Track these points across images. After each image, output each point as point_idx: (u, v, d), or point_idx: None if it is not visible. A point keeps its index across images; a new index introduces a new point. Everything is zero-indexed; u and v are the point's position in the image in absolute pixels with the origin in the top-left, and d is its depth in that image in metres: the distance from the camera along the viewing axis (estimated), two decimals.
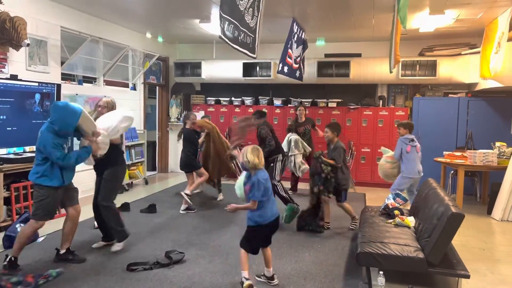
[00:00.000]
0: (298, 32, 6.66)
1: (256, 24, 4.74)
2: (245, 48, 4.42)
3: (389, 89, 8.44)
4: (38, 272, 3.52)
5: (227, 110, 8.96)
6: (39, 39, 5.63)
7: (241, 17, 4.23)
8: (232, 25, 3.99)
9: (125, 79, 8.12)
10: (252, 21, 4.59)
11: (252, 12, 4.51)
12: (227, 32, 3.88)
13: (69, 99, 6.27)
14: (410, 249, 3.41)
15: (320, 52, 8.41)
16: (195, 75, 8.86)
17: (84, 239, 4.57)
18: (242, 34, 4.30)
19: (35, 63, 5.61)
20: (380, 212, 4.58)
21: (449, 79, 7.60)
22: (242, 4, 4.20)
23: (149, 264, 3.82)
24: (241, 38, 4.29)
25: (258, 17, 4.75)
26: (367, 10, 5.99)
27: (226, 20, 3.83)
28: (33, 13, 5.46)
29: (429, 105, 7.74)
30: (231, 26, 3.98)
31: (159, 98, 9.47)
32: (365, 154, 8.15)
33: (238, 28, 4.16)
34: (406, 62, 7.66)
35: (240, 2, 4.14)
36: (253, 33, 4.65)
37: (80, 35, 6.43)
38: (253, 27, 4.64)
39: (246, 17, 4.38)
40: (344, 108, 8.28)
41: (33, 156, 5.24)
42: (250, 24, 4.55)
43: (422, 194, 4.45)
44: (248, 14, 4.43)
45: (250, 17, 4.50)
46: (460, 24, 6.64)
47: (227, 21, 3.87)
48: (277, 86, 8.76)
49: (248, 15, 4.41)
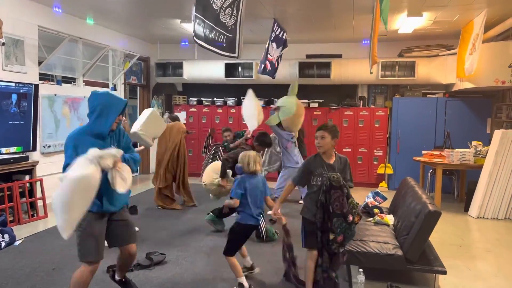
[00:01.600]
0: (279, 32, 6.70)
1: (236, 23, 4.73)
2: (219, 48, 4.43)
3: (370, 89, 8.56)
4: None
5: (209, 110, 8.94)
6: (16, 39, 5.51)
7: (216, 17, 4.23)
8: (204, 24, 3.99)
9: (105, 80, 8.01)
10: (230, 21, 4.58)
11: (230, 11, 4.51)
12: (199, 32, 3.90)
13: (48, 100, 6.17)
14: (389, 247, 3.47)
15: (301, 53, 8.46)
16: (177, 75, 8.81)
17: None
18: (216, 33, 4.30)
19: (12, 63, 5.49)
20: (360, 211, 4.63)
21: (427, 79, 7.75)
22: (217, 3, 4.20)
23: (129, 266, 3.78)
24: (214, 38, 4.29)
25: (238, 17, 4.74)
26: (347, 12, 6.06)
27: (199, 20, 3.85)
28: (9, 12, 5.34)
29: (408, 105, 7.88)
30: (204, 25, 3.99)
31: (140, 98, 9.38)
32: (346, 154, 8.19)
33: (212, 27, 4.16)
34: (386, 63, 7.78)
35: (215, 1, 4.15)
36: (230, 32, 4.64)
37: (59, 35, 6.32)
38: (231, 26, 4.63)
39: (222, 16, 4.38)
40: (325, 108, 8.36)
41: (10, 157, 5.17)
42: (227, 23, 4.55)
43: (401, 192, 4.53)
44: (225, 14, 4.43)
45: (227, 17, 4.50)
46: (438, 26, 6.78)
47: (201, 20, 3.88)
48: (259, 87, 8.71)
49: (224, 14, 4.41)
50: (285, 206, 6.20)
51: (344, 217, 2.87)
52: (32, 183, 5.48)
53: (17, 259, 4.00)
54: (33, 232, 4.88)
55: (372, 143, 8.15)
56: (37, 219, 5.40)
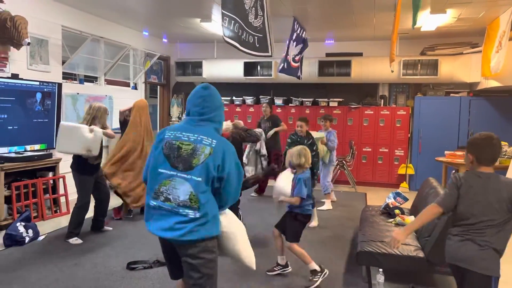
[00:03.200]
0: (299, 31, 6.66)
1: (264, 23, 4.72)
2: (248, 47, 4.40)
3: (391, 88, 8.43)
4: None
5: (228, 109, 8.95)
6: (40, 38, 5.64)
7: (245, 16, 4.20)
8: (236, 23, 3.95)
9: (126, 79, 8.13)
10: (256, 21, 4.57)
11: (255, 11, 4.50)
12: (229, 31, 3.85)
13: (71, 98, 6.29)
14: (410, 248, 3.41)
15: (321, 51, 8.40)
16: (196, 74, 8.86)
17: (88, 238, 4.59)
18: (247, 34, 4.28)
19: (36, 62, 5.62)
20: (381, 212, 4.57)
21: (451, 78, 7.57)
22: (247, 3, 4.18)
23: (149, 262, 3.82)
24: (243, 37, 4.26)
25: (264, 16, 4.73)
26: (368, 9, 5.98)
27: (228, 18, 3.80)
28: (34, 12, 5.46)
29: (430, 105, 7.73)
30: (236, 24, 3.94)
31: (160, 97, 9.47)
32: (366, 154, 8.14)
33: (242, 27, 4.13)
34: (408, 62, 7.64)
35: (246, 1, 4.11)
36: (260, 32, 4.64)
37: (81, 35, 6.44)
38: (259, 26, 4.63)
39: (250, 16, 4.36)
40: (345, 107, 8.27)
41: (34, 155, 5.29)
42: (254, 23, 4.53)
43: (423, 193, 4.44)
44: (252, 14, 4.41)
45: (253, 17, 4.48)
46: (462, 23, 6.62)
47: (231, 19, 3.83)
48: (278, 86, 8.76)
49: (251, 14, 4.39)
50: None
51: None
52: (55, 180, 5.59)
53: (40, 254, 4.09)
54: (55, 227, 4.99)
55: (393, 143, 8.02)
56: (59, 215, 5.52)
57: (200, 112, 2.27)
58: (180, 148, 2.17)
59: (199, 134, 2.20)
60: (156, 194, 2.16)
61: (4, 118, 5.00)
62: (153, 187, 2.18)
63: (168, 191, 2.13)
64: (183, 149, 2.17)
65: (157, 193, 2.16)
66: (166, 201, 2.13)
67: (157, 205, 2.15)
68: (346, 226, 5.25)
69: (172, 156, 2.17)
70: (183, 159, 2.15)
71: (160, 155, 2.20)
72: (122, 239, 4.59)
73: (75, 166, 4.49)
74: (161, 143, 2.23)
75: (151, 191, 2.18)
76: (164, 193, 2.14)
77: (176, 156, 2.17)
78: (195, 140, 2.18)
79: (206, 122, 2.26)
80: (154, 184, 2.18)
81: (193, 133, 2.21)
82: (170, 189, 2.13)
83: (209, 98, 2.30)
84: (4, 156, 4.97)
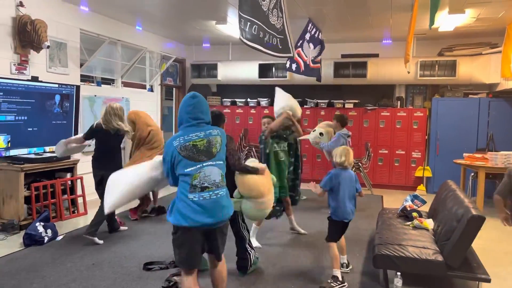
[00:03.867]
0: (314, 32, 6.63)
1: (283, 25, 4.71)
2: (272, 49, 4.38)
3: (407, 89, 8.32)
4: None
5: (242, 111, 8.97)
6: (59, 42, 5.74)
7: (265, 18, 4.19)
8: (255, 25, 3.94)
9: (142, 81, 8.21)
10: (278, 22, 4.56)
11: (276, 12, 4.49)
12: (249, 35, 3.83)
13: (88, 100, 6.38)
14: (429, 252, 3.35)
15: (336, 53, 8.35)
16: (211, 76, 8.90)
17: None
18: (267, 35, 4.26)
19: (55, 65, 5.72)
20: (398, 214, 4.51)
21: (469, 79, 7.45)
22: (265, 5, 4.16)
23: (165, 263, 3.84)
24: (266, 39, 4.25)
25: (283, 17, 4.72)
26: (385, 10, 5.92)
27: (247, 21, 3.78)
28: (53, 16, 5.57)
29: (448, 106, 7.61)
30: (255, 26, 3.93)
31: (176, 99, 9.54)
32: (382, 156, 8.05)
33: (263, 29, 4.11)
34: (425, 62, 7.54)
35: (263, 2, 4.10)
36: (281, 34, 4.63)
37: (99, 37, 6.53)
38: (280, 28, 4.62)
39: (271, 18, 4.34)
40: (361, 109, 8.20)
41: (53, 156, 5.38)
42: (277, 25, 4.52)
43: (441, 196, 4.37)
44: (273, 15, 4.40)
45: (275, 18, 4.47)
46: (481, 23, 6.50)
47: (249, 21, 3.82)
48: (293, 87, 8.67)
49: (272, 16, 4.38)
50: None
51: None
52: (73, 181, 5.68)
53: (59, 254, 4.15)
54: (74, 228, 5.06)
55: (410, 145, 7.92)
56: (77, 216, 5.60)
57: (194, 117, 2.69)
58: (196, 145, 2.61)
59: (205, 130, 2.69)
60: (192, 189, 2.54)
61: (24, 120, 5.10)
62: (186, 187, 2.56)
63: (201, 181, 2.55)
64: (199, 145, 2.61)
65: (193, 188, 2.54)
66: (204, 189, 2.54)
67: (196, 197, 2.53)
68: (362, 229, 5.19)
69: (191, 155, 2.58)
70: (204, 151, 2.61)
71: (182, 160, 2.58)
72: (138, 240, 4.63)
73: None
74: (174, 152, 2.60)
75: (185, 190, 2.55)
76: (198, 185, 2.54)
77: (196, 152, 2.59)
78: (205, 135, 2.66)
79: (203, 123, 2.72)
80: (185, 185, 2.56)
81: (200, 131, 2.66)
82: (202, 178, 2.55)
83: (198, 104, 2.72)
84: (24, 157, 5.07)
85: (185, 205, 2.55)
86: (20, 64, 5.14)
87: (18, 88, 5.01)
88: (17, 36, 5.00)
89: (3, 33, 4.88)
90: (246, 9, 3.75)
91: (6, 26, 4.92)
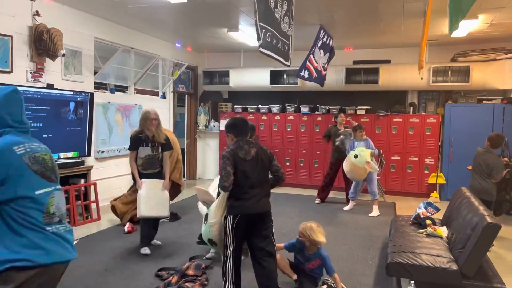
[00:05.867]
0: (326, 39, 6.63)
1: (292, 32, 4.75)
2: (281, 56, 4.41)
3: (420, 96, 8.26)
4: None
5: (254, 117, 8.99)
6: (74, 50, 5.84)
7: (278, 26, 4.22)
8: (269, 33, 3.97)
9: (155, 88, 8.29)
10: (289, 30, 4.59)
11: (288, 20, 4.52)
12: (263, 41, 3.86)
13: (102, 107, 6.47)
14: (443, 260, 3.30)
15: (348, 59, 8.33)
16: (223, 83, 8.96)
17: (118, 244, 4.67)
18: (280, 42, 4.29)
19: (70, 72, 5.81)
20: (411, 222, 4.46)
21: (483, 85, 7.36)
22: (278, 12, 4.20)
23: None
24: (279, 47, 4.28)
25: (292, 25, 4.76)
26: (397, 16, 5.90)
27: (262, 28, 3.82)
28: (68, 25, 5.67)
29: (461, 112, 7.52)
30: (269, 34, 3.96)
31: (188, 106, 9.61)
32: (395, 162, 7.98)
33: (276, 36, 4.15)
34: (438, 68, 7.48)
35: (275, 10, 4.14)
36: (288, 40, 4.67)
37: (113, 45, 6.63)
38: (290, 35, 4.65)
39: (283, 25, 4.38)
40: (373, 115, 8.16)
41: (67, 162, 5.45)
42: (288, 32, 4.56)
43: (455, 203, 4.31)
44: (284, 22, 4.43)
45: (286, 26, 4.50)
46: (495, 29, 6.44)
47: (263, 29, 3.85)
48: (304, 94, 8.73)
49: (284, 23, 4.42)
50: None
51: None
52: (87, 187, 5.74)
53: (72, 260, 4.18)
54: (87, 234, 5.10)
55: (423, 152, 7.84)
56: (90, 221, 5.65)
57: (25, 121, 2.04)
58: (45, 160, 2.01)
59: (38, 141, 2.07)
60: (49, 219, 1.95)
61: (39, 127, 5.19)
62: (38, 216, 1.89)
63: (56, 210, 1.99)
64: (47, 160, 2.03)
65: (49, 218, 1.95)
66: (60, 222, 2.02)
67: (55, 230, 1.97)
68: (374, 236, 5.15)
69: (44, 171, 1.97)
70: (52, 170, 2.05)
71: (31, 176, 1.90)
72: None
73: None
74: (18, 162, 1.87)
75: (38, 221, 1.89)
76: (57, 213, 2.00)
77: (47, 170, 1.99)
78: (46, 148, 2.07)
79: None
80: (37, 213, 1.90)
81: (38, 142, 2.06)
82: (56, 206, 1.99)
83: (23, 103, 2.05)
84: None
85: (43, 237, 1.90)
86: (36, 72, 5.24)
87: (34, 96, 5.11)
88: (33, 44, 5.10)
89: (20, 42, 4.99)
90: (261, 16, 3.79)
91: (23, 35, 5.02)
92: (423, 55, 5.44)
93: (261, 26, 3.76)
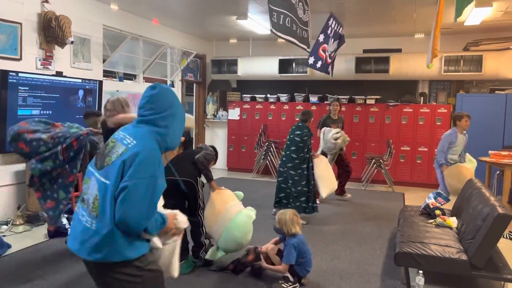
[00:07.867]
0: (336, 27, 6.54)
1: (308, 18, 4.69)
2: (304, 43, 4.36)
3: (431, 85, 8.15)
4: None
5: (262, 107, 8.95)
6: (83, 37, 5.84)
7: (295, 11, 4.16)
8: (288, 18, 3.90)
9: (163, 76, 8.29)
10: (304, 16, 4.53)
11: (302, 6, 4.46)
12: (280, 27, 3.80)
13: (110, 95, 6.47)
14: (452, 251, 3.27)
15: (358, 48, 8.23)
16: (231, 72, 8.91)
17: None
18: (299, 28, 4.23)
19: (79, 60, 5.82)
20: (420, 212, 4.42)
21: (496, 74, 7.24)
22: None
23: None
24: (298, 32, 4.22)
25: (308, 11, 4.70)
26: (408, 4, 5.80)
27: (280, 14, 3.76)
28: (77, 12, 5.66)
29: (473, 102, 7.40)
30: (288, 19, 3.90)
31: (196, 95, 9.60)
32: (404, 153, 7.91)
33: (295, 21, 4.09)
34: (450, 58, 7.36)
35: None
36: (307, 26, 4.61)
37: (121, 33, 6.61)
38: (308, 22, 4.60)
39: (299, 11, 4.32)
40: (383, 105, 8.07)
41: None
42: (304, 18, 4.50)
43: (465, 194, 4.26)
44: (300, 9, 4.37)
45: (302, 12, 4.44)
46: (509, 17, 6.30)
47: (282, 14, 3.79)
48: (313, 83, 8.66)
49: (299, 9, 4.36)
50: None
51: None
52: None
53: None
54: None
55: (433, 142, 7.74)
56: None
57: (142, 114, 1.95)
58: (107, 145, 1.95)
59: (127, 134, 1.92)
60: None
61: (49, 114, 5.21)
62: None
63: None
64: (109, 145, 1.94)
65: None
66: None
67: None
68: (383, 226, 5.12)
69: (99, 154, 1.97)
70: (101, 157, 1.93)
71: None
72: None
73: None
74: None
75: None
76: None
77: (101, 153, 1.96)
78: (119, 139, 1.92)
79: (143, 124, 1.93)
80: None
81: (126, 132, 1.93)
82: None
83: (154, 98, 1.95)
84: None
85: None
86: (45, 59, 5.25)
87: (43, 83, 5.13)
88: (42, 32, 5.11)
89: (29, 29, 4.99)
90: (276, 1, 3.73)
91: (32, 22, 5.02)
92: (437, 44, 5.33)
93: (277, 11, 3.72)
